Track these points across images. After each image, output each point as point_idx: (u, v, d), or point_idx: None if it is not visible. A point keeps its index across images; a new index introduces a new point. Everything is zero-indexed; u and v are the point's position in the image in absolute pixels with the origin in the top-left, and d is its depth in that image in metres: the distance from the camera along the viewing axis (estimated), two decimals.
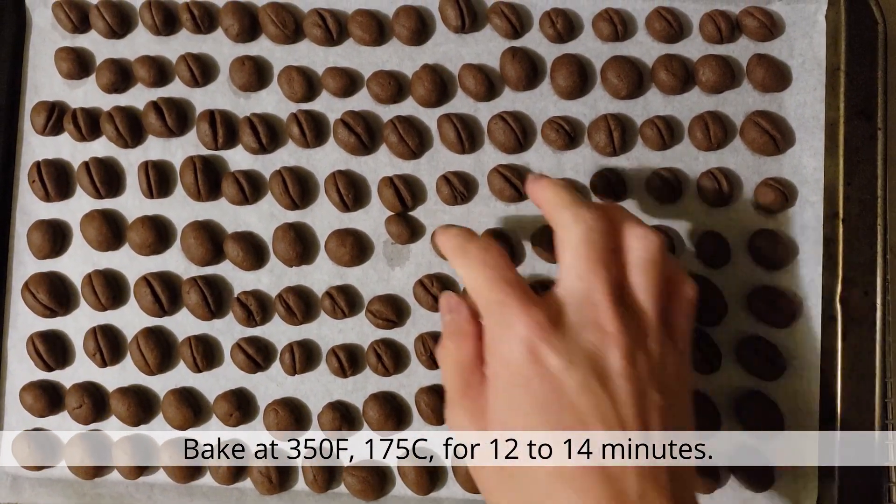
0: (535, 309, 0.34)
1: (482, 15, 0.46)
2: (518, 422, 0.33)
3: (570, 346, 0.33)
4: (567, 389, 0.32)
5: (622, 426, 0.32)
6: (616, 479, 0.31)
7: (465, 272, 0.36)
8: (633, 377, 0.33)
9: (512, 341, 0.33)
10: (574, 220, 0.35)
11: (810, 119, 0.45)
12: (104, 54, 0.47)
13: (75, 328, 0.46)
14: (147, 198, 0.46)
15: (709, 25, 0.45)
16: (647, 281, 0.35)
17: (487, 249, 0.36)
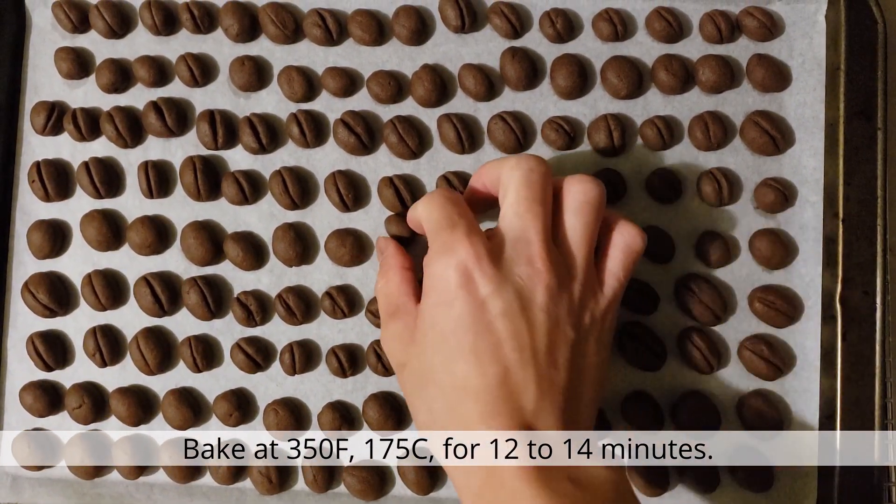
0: (477, 239, 0.37)
1: (482, 15, 0.46)
2: (436, 340, 0.36)
3: (500, 277, 0.36)
4: (489, 313, 0.35)
5: (534, 354, 0.35)
6: (517, 394, 0.35)
7: (424, 206, 0.39)
8: (552, 312, 0.36)
9: (449, 263, 0.36)
10: (517, 164, 0.38)
11: (810, 119, 0.45)
12: (104, 54, 0.47)
13: (75, 328, 0.46)
14: (147, 198, 0.46)
15: (709, 25, 0.45)
16: (581, 222, 0.38)
17: (451, 191, 0.39)
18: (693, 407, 0.43)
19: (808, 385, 0.44)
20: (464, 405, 0.35)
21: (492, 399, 0.35)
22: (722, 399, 0.44)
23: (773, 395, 0.44)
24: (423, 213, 0.39)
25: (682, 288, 0.44)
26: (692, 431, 0.43)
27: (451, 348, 0.36)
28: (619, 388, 0.44)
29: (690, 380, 0.44)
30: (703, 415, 0.43)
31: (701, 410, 0.43)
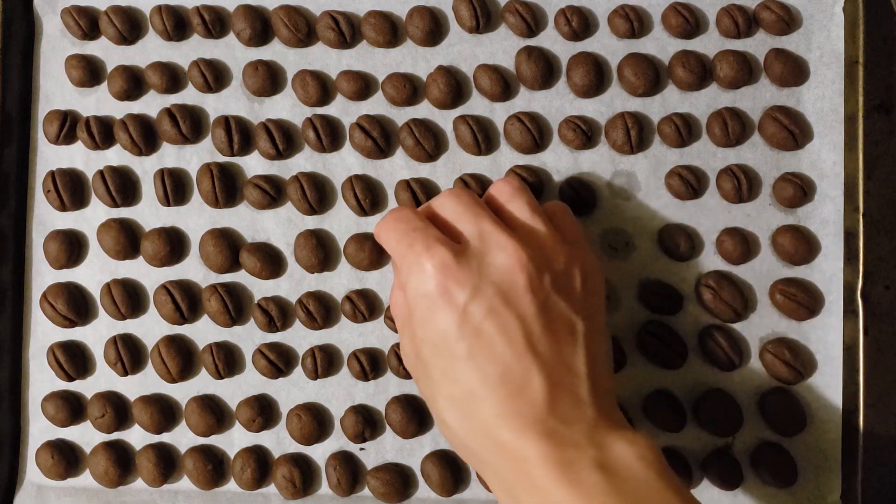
0: (439, 247, 0.36)
1: (496, 14, 0.46)
2: (431, 354, 0.36)
3: (475, 276, 0.36)
4: (473, 318, 0.35)
5: (529, 342, 0.35)
6: (524, 387, 0.34)
7: (379, 234, 0.39)
8: (539, 290, 0.36)
9: (420, 281, 0.36)
10: (444, 193, 0.39)
11: (829, 113, 0.45)
12: (115, 61, 0.46)
13: (95, 338, 0.46)
14: (163, 205, 0.45)
15: (725, 20, 0.45)
16: (522, 202, 0.39)
17: (398, 209, 0.39)
18: (715, 405, 0.43)
19: (831, 381, 0.44)
20: (476, 411, 0.35)
21: (500, 399, 0.34)
22: (744, 396, 0.44)
23: (795, 392, 0.44)
24: (382, 242, 0.39)
25: (702, 286, 0.44)
26: (715, 429, 0.43)
27: (447, 360, 0.35)
28: (641, 387, 0.44)
29: (712, 378, 0.44)
30: (725, 412, 0.43)
31: (723, 408, 0.43)
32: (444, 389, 0.36)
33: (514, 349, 0.35)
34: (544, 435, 0.33)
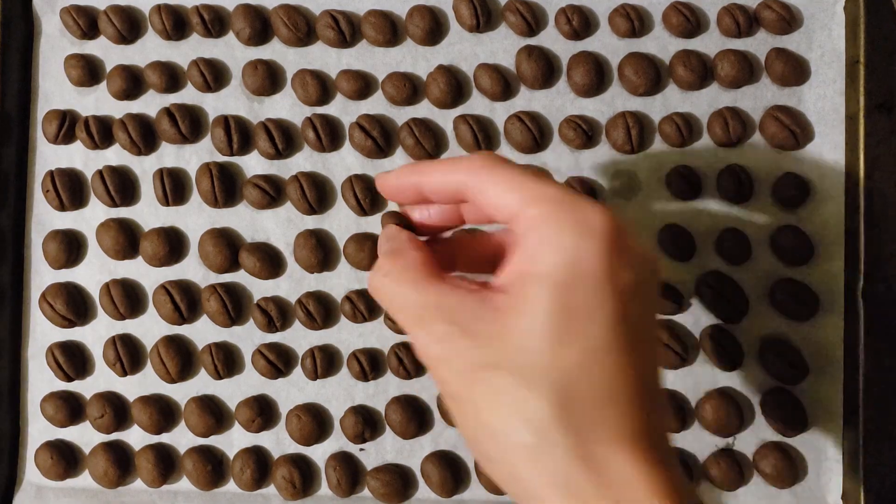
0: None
1: (496, 13, 0.45)
2: (449, 405, 0.31)
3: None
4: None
5: (527, 370, 0.29)
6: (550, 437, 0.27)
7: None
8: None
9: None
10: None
11: (830, 112, 0.45)
12: (114, 60, 0.46)
13: (94, 338, 0.46)
14: (162, 205, 0.45)
15: (726, 19, 0.45)
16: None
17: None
18: (716, 405, 0.43)
19: (832, 381, 0.44)
20: (510, 465, 0.28)
21: (529, 454, 0.27)
22: (745, 396, 0.44)
23: (796, 391, 0.44)
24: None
25: (703, 286, 0.44)
26: (718, 429, 0.43)
27: (461, 416, 0.29)
28: None
29: (713, 378, 0.44)
30: (726, 412, 0.43)
31: (724, 408, 0.43)
32: (468, 436, 0.30)
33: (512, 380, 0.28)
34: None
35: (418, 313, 0.29)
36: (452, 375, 0.28)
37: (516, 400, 0.27)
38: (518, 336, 0.27)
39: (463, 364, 0.28)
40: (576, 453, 0.26)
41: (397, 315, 0.30)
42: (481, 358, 0.27)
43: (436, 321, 0.29)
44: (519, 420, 0.27)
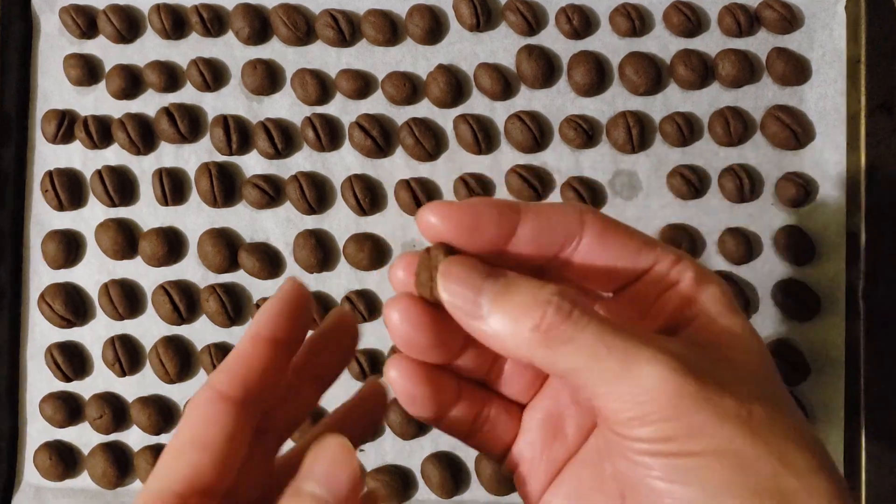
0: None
1: (497, 12, 0.45)
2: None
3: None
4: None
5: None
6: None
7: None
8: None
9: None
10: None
11: (831, 112, 0.44)
12: (113, 60, 0.46)
13: (92, 338, 0.45)
14: (162, 205, 0.45)
15: (727, 18, 0.44)
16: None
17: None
18: None
19: (833, 381, 0.44)
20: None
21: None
22: None
23: (797, 391, 0.44)
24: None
25: None
26: None
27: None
28: None
29: None
30: None
31: None
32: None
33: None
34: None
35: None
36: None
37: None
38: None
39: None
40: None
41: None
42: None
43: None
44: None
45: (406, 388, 0.24)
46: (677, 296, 0.23)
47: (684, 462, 0.20)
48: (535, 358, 0.21)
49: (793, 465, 0.20)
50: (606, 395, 0.20)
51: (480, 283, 0.22)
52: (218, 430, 0.22)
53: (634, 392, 0.20)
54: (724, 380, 0.21)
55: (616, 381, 0.20)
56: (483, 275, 0.22)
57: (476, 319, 0.21)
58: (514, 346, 0.21)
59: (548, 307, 0.21)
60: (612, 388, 0.20)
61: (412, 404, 0.24)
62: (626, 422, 0.20)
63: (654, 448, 0.20)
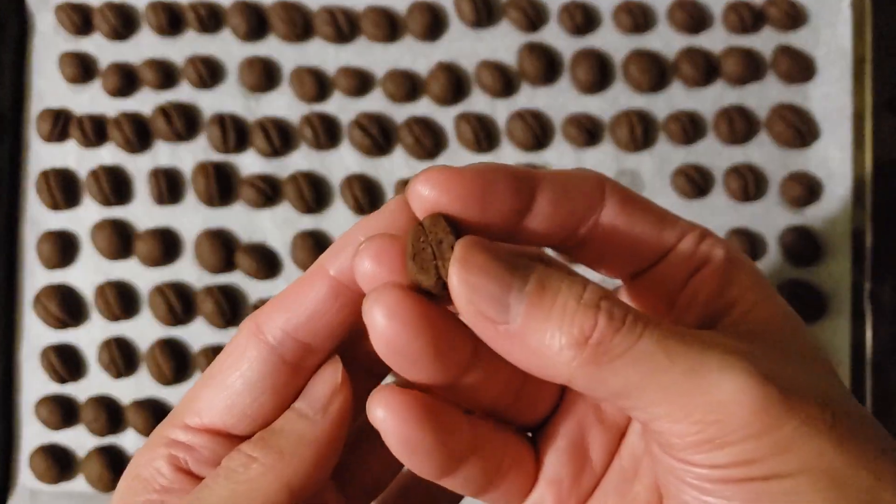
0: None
1: (498, 9, 0.45)
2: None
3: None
4: None
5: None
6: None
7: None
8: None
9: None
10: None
11: (836, 111, 0.44)
12: (109, 57, 0.45)
13: (88, 339, 0.45)
14: (158, 204, 0.45)
15: (732, 15, 0.44)
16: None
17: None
18: None
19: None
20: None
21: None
22: None
23: None
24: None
25: None
26: None
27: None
28: None
29: None
30: None
31: None
32: None
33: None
34: None
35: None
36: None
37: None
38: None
39: None
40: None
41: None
42: None
43: None
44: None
45: (401, 432, 0.18)
46: (710, 278, 0.19)
47: (771, 487, 0.16)
48: (577, 379, 0.16)
49: (885, 475, 0.17)
50: (668, 415, 0.16)
51: (510, 278, 0.16)
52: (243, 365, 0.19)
53: (706, 409, 0.16)
54: (796, 380, 0.17)
55: (681, 398, 0.16)
56: (510, 267, 0.17)
57: (502, 328, 0.17)
58: (552, 364, 0.16)
59: (598, 314, 0.16)
60: (677, 407, 0.16)
61: (411, 454, 0.18)
62: (695, 446, 0.16)
63: (733, 474, 0.16)
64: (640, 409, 0.17)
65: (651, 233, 0.19)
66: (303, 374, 0.19)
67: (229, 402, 0.19)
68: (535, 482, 0.20)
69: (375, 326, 0.17)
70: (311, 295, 0.19)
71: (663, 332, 0.16)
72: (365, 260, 0.17)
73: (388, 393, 0.18)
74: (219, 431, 0.20)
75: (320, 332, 0.19)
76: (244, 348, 0.19)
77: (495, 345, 0.17)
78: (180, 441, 0.20)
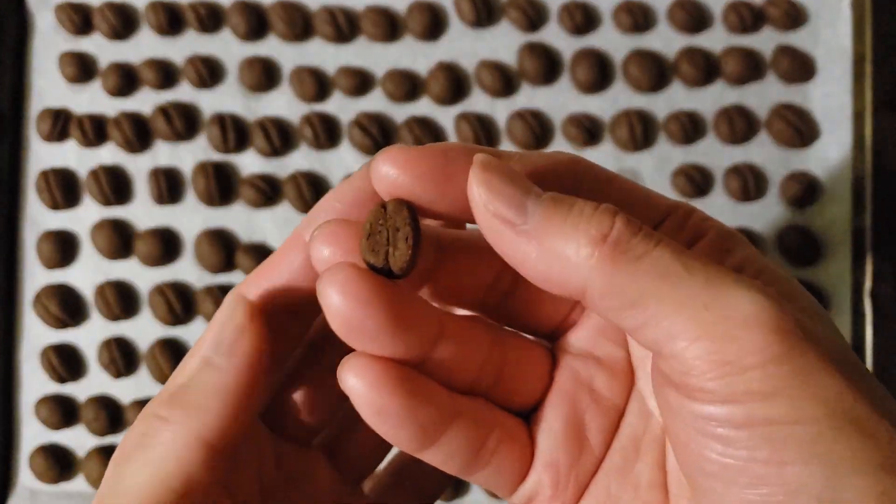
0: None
1: (498, 8, 0.45)
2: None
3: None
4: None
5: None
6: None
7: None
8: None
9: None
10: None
11: (836, 110, 0.44)
12: (109, 57, 0.45)
13: (88, 339, 0.45)
14: (158, 204, 0.45)
15: (732, 15, 0.44)
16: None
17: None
18: None
19: None
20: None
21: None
22: None
23: None
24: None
25: None
26: None
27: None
28: None
29: None
30: None
31: None
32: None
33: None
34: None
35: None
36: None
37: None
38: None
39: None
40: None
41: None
42: None
43: None
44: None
45: (372, 399, 0.17)
46: (707, 250, 0.18)
47: (800, 431, 0.15)
48: (593, 284, 0.16)
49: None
50: (684, 332, 0.15)
51: (528, 185, 0.17)
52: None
53: (725, 325, 0.15)
54: (806, 324, 0.16)
55: (698, 313, 0.15)
56: (527, 180, 0.17)
57: (519, 231, 0.16)
58: (568, 266, 0.16)
59: (615, 217, 0.16)
60: (694, 322, 0.15)
61: (383, 421, 0.18)
62: (713, 369, 0.15)
63: (755, 413, 0.15)
64: (654, 325, 0.16)
65: (634, 209, 0.18)
66: (288, 342, 0.20)
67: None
68: (532, 465, 0.20)
69: (328, 305, 0.17)
70: (290, 264, 0.19)
71: (680, 247, 0.16)
72: (319, 245, 0.18)
73: (359, 359, 0.17)
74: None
75: (301, 299, 0.19)
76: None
77: (511, 249, 0.17)
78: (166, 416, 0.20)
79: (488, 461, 0.19)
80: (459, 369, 0.19)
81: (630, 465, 0.20)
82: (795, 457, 0.15)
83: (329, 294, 0.17)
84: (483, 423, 0.19)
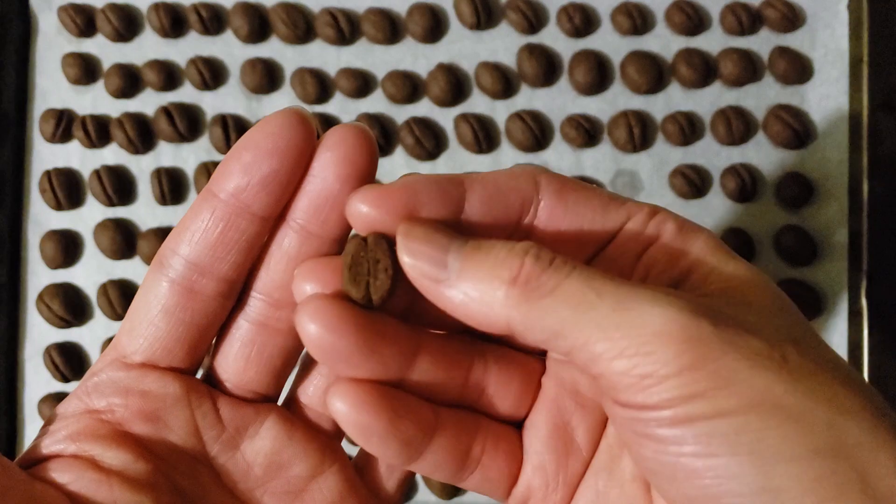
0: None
1: (497, 11, 0.45)
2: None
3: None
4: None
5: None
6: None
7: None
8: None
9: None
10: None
11: (833, 112, 0.44)
12: (111, 59, 0.46)
13: (91, 339, 0.45)
14: (160, 204, 0.45)
15: (729, 17, 0.44)
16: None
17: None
18: None
19: None
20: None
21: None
22: None
23: None
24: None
25: None
26: None
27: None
28: None
29: None
30: None
31: None
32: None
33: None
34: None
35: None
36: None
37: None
38: None
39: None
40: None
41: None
42: None
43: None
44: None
45: (356, 419, 0.19)
46: (662, 251, 0.19)
47: (723, 425, 0.16)
48: (514, 321, 0.17)
49: (848, 410, 0.16)
50: (605, 352, 0.17)
51: (447, 243, 0.18)
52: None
53: (638, 342, 0.16)
54: (745, 322, 0.17)
55: (614, 333, 0.16)
56: (449, 236, 0.18)
57: (442, 283, 0.18)
58: (489, 308, 0.18)
59: (525, 256, 0.18)
60: (611, 342, 0.17)
61: (368, 440, 0.19)
62: (636, 383, 0.16)
63: (681, 412, 0.16)
64: (578, 349, 0.17)
65: (593, 217, 0.19)
66: (203, 299, 0.20)
67: (150, 339, 0.20)
68: (520, 468, 0.21)
69: (304, 333, 0.18)
70: (202, 220, 0.20)
71: (592, 273, 0.18)
72: (301, 283, 0.19)
73: (342, 384, 0.19)
74: (145, 365, 0.21)
75: (216, 254, 0.20)
76: (150, 285, 0.20)
77: (439, 301, 0.18)
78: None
79: (474, 469, 0.20)
80: (442, 384, 0.20)
81: (616, 461, 0.20)
82: (723, 449, 0.16)
83: (304, 323, 0.18)
84: (466, 433, 0.20)
